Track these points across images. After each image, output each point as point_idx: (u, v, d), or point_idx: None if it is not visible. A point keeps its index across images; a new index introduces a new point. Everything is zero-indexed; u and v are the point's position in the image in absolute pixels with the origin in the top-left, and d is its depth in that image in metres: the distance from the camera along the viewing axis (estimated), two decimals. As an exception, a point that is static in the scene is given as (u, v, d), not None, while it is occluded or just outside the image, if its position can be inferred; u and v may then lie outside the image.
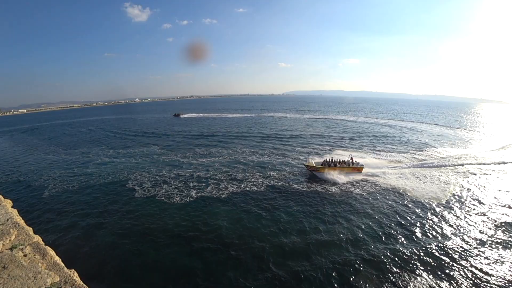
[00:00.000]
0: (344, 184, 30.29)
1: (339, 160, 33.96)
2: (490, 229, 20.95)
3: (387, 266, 16.61)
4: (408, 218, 22.58)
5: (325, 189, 29.03)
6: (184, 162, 40.01)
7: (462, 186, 29.60)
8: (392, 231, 20.59)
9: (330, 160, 33.92)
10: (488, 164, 37.80)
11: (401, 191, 27.98)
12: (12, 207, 4.03)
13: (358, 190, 28.51)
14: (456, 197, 26.92)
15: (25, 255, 2.46)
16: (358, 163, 33.49)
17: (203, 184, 30.74)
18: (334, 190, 28.69)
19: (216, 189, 29.25)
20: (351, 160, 33.65)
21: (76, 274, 2.22)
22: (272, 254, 17.84)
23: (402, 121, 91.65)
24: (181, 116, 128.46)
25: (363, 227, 21.19)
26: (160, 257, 17.89)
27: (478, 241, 19.29)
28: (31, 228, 3.11)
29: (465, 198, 26.70)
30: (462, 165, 37.08)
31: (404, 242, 19.20)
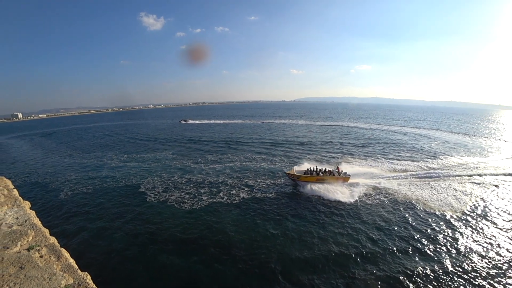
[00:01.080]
0: (354, 193, 29.15)
1: (325, 169, 32.05)
2: (512, 243, 19.87)
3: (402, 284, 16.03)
4: (421, 231, 21.70)
5: (335, 198, 28.45)
6: (195, 168, 40.29)
7: (480, 198, 28.10)
8: (404, 245, 19.89)
9: (314, 169, 31.95)
10: (508, 174, 36.05)
11: (413, 202, 26.78)
12: (30, 208, 4.17)
13: (368, 200, 27.69)
14: (472, 210, 25.45)
15: (41, 256, 2.53)
16: (345, 173, 31.57)
17: (214, 190, 30.79)
18: (343, 199, 27.92)
19: (227, 195, 29.18)
20: (337, 170, 31.66)
21: (89, 276, 2.26)
22: (281, 263, 17.53)
23: (416, 128, 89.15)
24: (188, 122, 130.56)
25: (374, 239, 20.59)
26: (170, 262, 17.95)
27: (499, 260, 18.26)
28: (47, 230, 3.20)
29: (482, 211, 25.26)
30: (480, 175, 35.34)
31: (417, 258, 18.46)
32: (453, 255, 18.39)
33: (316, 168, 32.19)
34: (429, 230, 21.66)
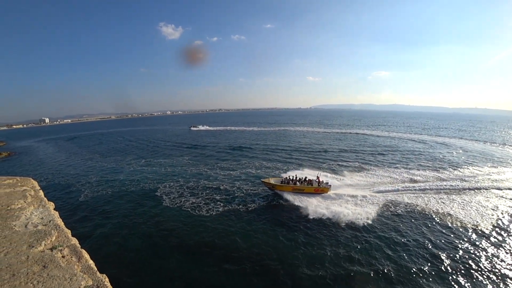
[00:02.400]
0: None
1: (304, 178, 30.85)
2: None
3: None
4: (437, 246, 20.63)
5: (350, 208, 27.59)
6: (211, 174, 40.42)
7: (508, 214, 26.31)
8: (414, 266, 18.93)
9: (292, 178, 30.81)
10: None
11: (433, 215, 25.41)
12: (54, 209, 4.35)
13: (386, 212, 26.64)
14: (498, 226, 23.76)
15: (63, 256, 2.61)
16: (327, 183, 30.16)
17: (230, 197, 30.70)
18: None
19: (243, 203, 28.79)
20: (317, 180, 30.27)
21: (107, 279, 2.31)
22: (293, 278, 17.11)
23: (437, 137, 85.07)
24: (198, 128, 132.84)
25: (389, 255, 19.76)
26: (182, 267, 18.05)
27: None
28: (69, 230, 3.32)
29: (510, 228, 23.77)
30: (510, 188, 32.92)
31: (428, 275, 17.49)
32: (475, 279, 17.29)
33: (295, 177, 30.93)
34: (436, 250, 20.27)
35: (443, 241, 20.86)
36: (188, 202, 29.20)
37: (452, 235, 21.68)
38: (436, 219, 24.52)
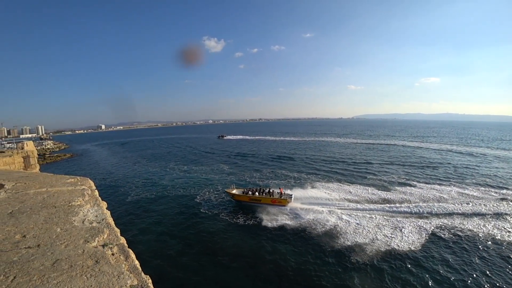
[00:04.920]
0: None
1: (268, 190, 30.95)
2: None
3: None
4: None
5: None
6: (250, 182, 40.52)
7: None
8: None
9: (252, 188, 31.64)
10: None
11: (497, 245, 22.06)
12: (106, 208, 4.73)
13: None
14: None
15: (112, 254, 2.80)
16: (290, 195, 30.04)
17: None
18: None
19: (283, 215, 27.53)
20: (279, 191, 30.09)
21: (150, 280, 2.40)
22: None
23: (499, 150, 72.36)
24: (225, 137, 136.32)
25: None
26: (219, 275, 18.21)
27: None
28: (119, 230, 3.57)
29: None
30: None
31: None
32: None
33: (258, 189, 31.63)
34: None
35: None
36: (226, 211, 29.61)
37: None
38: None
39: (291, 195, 30.41)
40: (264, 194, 30.56)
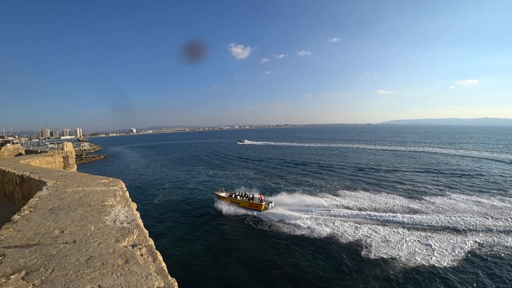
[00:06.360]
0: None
1: (252, 195, 32.87)
2: None
3: None
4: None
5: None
6: (274, 188, 39.66)
7: None
8: None
9: (236, 193, 34.19)
10: None
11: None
12: (136, 209, 4.92)
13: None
14: None
15: (141, 255, 2.87)
16: (270, 201, 31.60)
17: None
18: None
19: (308, 223, 26.60)
20: (259, 197, 32.07)
21: (176, 283, 2.42)
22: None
23: None
24: (244, 143, 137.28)
25: None
26: (241, 279, 18.13)
27: None
28: (147, 231, 3.68)
29: None
30: None
31: None
32: None
33: (242, 193, 33.75)
34: None
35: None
36: (250, 216, 29.56)
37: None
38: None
39: (271, 201, 32.10)
40: (245, 199, 32.78)
